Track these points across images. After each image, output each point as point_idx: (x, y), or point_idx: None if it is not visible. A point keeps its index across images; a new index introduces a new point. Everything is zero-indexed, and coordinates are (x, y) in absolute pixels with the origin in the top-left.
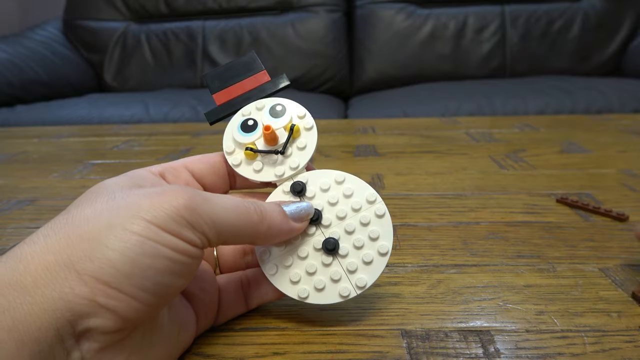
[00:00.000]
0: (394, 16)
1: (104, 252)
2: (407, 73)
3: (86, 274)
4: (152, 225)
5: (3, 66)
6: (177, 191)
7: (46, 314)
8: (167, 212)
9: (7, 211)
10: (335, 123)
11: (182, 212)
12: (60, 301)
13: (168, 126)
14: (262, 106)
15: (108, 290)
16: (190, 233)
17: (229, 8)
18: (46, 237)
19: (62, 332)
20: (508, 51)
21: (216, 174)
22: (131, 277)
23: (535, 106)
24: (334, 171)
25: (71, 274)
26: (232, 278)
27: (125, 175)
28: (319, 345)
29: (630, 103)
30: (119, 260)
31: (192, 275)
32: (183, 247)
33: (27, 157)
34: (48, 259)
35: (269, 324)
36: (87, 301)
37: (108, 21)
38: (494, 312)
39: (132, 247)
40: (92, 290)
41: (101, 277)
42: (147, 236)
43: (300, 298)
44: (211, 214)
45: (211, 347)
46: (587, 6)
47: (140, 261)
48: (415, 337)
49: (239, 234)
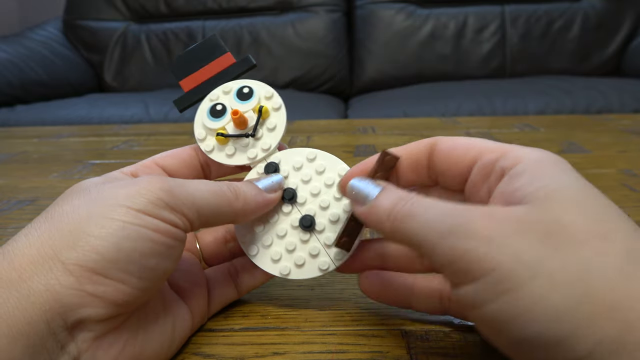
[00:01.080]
0: (394, 16)
1: (87, 240)
2: (407, 73)
3: (71, 263)
4: (131, 210)
5: (3, 66)
6: (152, 178)
7: (34, 307)
8: (145, 197)
9: (7, 211)
10: (335, 123)
11: (160, 195)
12: (47, 293)
13: (168, 126)
14: (229, 90)
15: (94, 276)
16: (170, 214)
17: (229, 8)
18: (27, 235)
19: (53, 325)
20: (508, 51)
21: (188, 168)
22: (116, 261)
23: (535, 106)
24: (306, 149)
25: (56, 264)
26: (220, 268)
27: (101, 176)
28: (319, 345)
29: (630, 103)
30: (102, 245)
31: (178, 258)
32: (165, 228)
33: (27, 157)
34: (32, 253)
35: (269, 324)
36: (75, 291)
37: (108, 21)
38: None
39: (114, 231)
40: (78, 279)
41: (86, 264)
42: (128, 220)
43: (282, 275)
44: (188, 196)
45: (211, 347)
46: (587, 6)
47: (123, 245)
48: (415, 337)
49: (217, 212)
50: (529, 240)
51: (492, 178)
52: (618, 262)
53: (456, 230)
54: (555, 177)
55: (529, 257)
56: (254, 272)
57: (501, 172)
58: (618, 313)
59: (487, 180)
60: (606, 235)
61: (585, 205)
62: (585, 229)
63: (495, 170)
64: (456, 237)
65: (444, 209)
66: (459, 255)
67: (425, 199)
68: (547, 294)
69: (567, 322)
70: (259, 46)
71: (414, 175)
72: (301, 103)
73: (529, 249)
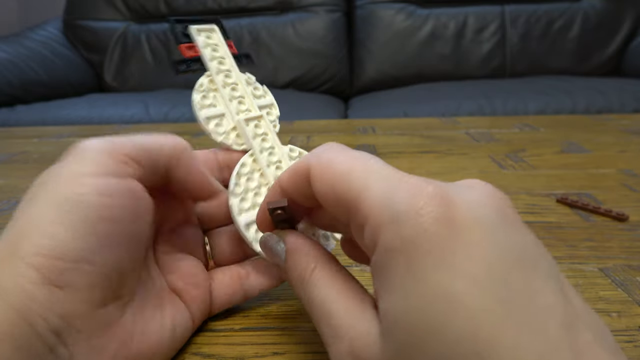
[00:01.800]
0: (394, 16)
1: (36, 228)
2: (407, 73)
3: (27, 256)
4: (70, 178)
5: (3, 66)
6: (93, 141)
7: (12, 308)
8: (84, 159)
9: (7, 211)
10: (335, 123)
11: (100, 148)
12: (20, 292)
13: (168, 126)
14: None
15: (54, 262)
16: (112, 165)
17: (228, 8)
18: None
19: (38, 328)
20: (508, 51)
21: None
22: (69, 240)
23: (535, 106)
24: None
25: (17, 262)
26: (228, 269)
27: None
28: (319, 345)
29: (630, 103)
30: (50, 228)
31: (141, 213)
32: (105, 184)
33: (27, 157)
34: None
35: (269, 324)
36: (42, 285)
37: (108, 21)
38: None
39: (57, 209)
40: (40, 271)
41: (40, 251)
42: (69, 191)
43: None
44: (130, 139)
45: (211, 347)
46: (587, 6)
47: (69, 220)
48: None
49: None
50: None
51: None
52: None
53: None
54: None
55: None
56: (263, 277)
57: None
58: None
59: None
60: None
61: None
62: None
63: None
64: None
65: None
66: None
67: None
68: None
69: None
70: (259, 46)
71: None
72: (301, 103)
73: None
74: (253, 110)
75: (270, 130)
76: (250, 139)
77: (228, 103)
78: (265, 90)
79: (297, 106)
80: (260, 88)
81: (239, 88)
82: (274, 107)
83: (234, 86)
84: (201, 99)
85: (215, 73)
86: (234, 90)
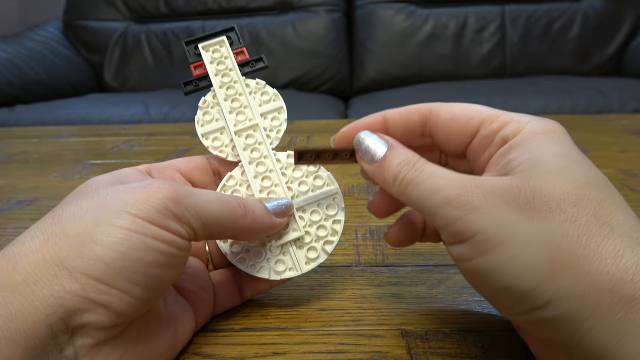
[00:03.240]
0: (394, 16)
1: (92, 248)
2: (407, 73)
3: (76, 271)
4: (138, 219)
5: (3, 66)
6: (161, 184)
7: (38, 312)
8: (152, 205)
9: (7, 211)
10: (335, 123)
11: (168, 204)
12: (51, 298)
13: (168, 126)
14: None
15: (99, 285)
16: (176, 225)
17: (229, 8)
18: (33, 238)
19: (55, 328)
20: (508, 51)
21: (202, 172)
22: (121, 271)
23: (535, 106)
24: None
25: (61, 271)
26: (225, 273)
27: (111, 174)
28: (319, 345)
29: (630, 103)
30: (108, 255)
31: (182, 267)
32: (171, 239)
33: (27, 157)
34: (37, 257)
35: (269, 324)
36: (79, 297)
37: (108, 21)
38: (494, 312)
39: (120, 241)
40: (83, 287)
41: (91, 273)
42: (134, 229)
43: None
44: (195, 206)
45: (211, 347)
46: (587, 6)
47: (129, 255)
48: (415, 337)
49: (223, 226)
50: (509, 208)
51: (492, 146)
52: (582, 225)
53: (450, 201)
54: (546, 148)
55: (508, 223)
56: (259, 281)
57: (502, 141)
58: (573, 270)
59: (488, 148)
60: (577, 201)
61: (565, 173)
62: (559, 197)
63: (496, 140)
64: (450, 207)
65: (442, 180)
66: (452, 222)
67: (427, 165)
68: (518, 254)
69: (531, 277)
70: (259, 46)
71: (405, 140)
72: (301, 103)
73: (509, 216)
74: (254, 119)
75: (264, 139)
76: (240, 150)
77: (228, 116)
78: (275, 94)
79: (297, 106)
80: (269, 92)
81: (240, 99)
82: (282, 111)
83: (235, 98)
84: (202, 115)
85: (218, 87)
86: (234, 102)
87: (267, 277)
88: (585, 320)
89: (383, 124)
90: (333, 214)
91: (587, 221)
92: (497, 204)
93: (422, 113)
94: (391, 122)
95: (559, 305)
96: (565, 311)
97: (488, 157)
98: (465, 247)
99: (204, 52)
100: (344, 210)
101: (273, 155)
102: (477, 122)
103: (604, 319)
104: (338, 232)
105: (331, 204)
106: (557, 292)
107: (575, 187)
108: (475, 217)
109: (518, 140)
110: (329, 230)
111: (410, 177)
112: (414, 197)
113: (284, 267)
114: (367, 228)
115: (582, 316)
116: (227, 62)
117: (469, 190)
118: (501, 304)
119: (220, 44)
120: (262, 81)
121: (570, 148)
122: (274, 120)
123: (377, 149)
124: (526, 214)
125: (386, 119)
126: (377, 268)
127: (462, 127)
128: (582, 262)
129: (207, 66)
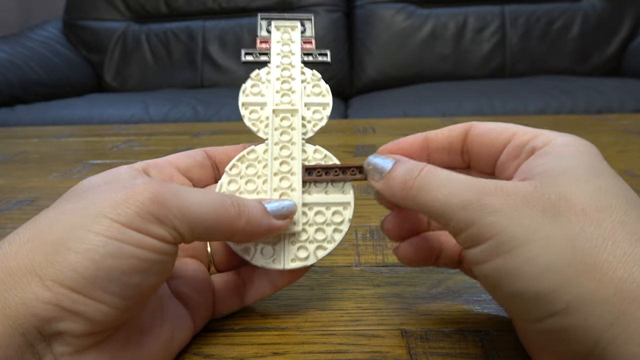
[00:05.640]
0: (394, 16)
1: (66, 256)
2: (407, 73)
3: (48, 279)
4: (115, 224)
5: (3, 66)
6: (144, 185)
7: (9, 320)
8: (131, 209)
9: (7, 211)
10: (335, 123)
11: (149, 207)
12: (23, 306)
13: (168, 126)
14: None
15: (72, 295)
16: (158, 228)
17: (229, 8)
18: (10, 243)
19: (30, 337)
20: (508, 51)
21: (201, 168)
22: (95, 280)
23: (535, 106)
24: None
25: (33, 279)
26: (226, 277)
27: (104, 173)
28: (319, 345)
29: (630, 103)
30: (81, 264)
31: (167, 272)
32: (151, 244)
33: (27, 157)
34: (10, 264)
35: (269, 324)
36: (52, 306)
37: (108, 21)
38: (494, 312)
39: (95, 248)
40: (56, 295)
41: (64, 282)
42: (111, 236)
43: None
44: (181, 207)
45: (211, 347)
46: (587, 6)
47: (103, 263)
48: (415, 337)
49: (214, 228)
50: (531, 211)
51: (521, 157)
52: (608, 231)
53: (468, 205)
54: (575, 159)
55: (528, 225)
56: (262, 285)
57: (531, 150)
58: (596, 274)
59: (517, 159)
60: (603, 208)
61: (591, 181)
62: (584, 202)
63: (526, 149)
64: (467, 210)
65: (458, 184)
66: (469, 224)
67: (437, 170)
68: (536, 256)
69: (549, 279)
70: None
71: (447, 158)
72: None
73: (530, 218)
74: (296, 105)
75: (298, 126)
76: (271, 129)
77: (274, 95)
78: (327, 90)
79: None
80: (321, 86)
81: (292, 83)
82: (327, 107)
83: (287, 80)
84: (250, 87)
85: (275, 66)
86: (285, 84)
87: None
88: (607, 329)
89: (423, 142)
90: (338, 222)
91: (612, 227)
92: (518, 207)
93: (464, 128)
94: (433, 141)
95: (579, 311)
96: (585, 318)
97: (515, 168)
98: (483, 249)
99: (275, 30)
100: (350, 223)
101: (301, 144)
102: (508, 135)
103: (629, 328)
104: (335, 241)
105: (339, 211)
106: (578, 296)
107: (601, 194)
108: (495, 218)
109: (547, 149)
110: (327, 236)
111: (420, 183)
112: (427, 203)
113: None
114: (367, 228)
115: (604, 325)
116: (292, 46)
117: (488, 193)
118: (516, 308)
119: (292, 27)
120: (319, 74)
121: (600, 163)
122: (316, 113)
123: (384, 164)
124: (549, 217)
125: (428, 139)
126: (377, 268)
127: (494, 138)
128: (607, 267)
129: (273, 44)
